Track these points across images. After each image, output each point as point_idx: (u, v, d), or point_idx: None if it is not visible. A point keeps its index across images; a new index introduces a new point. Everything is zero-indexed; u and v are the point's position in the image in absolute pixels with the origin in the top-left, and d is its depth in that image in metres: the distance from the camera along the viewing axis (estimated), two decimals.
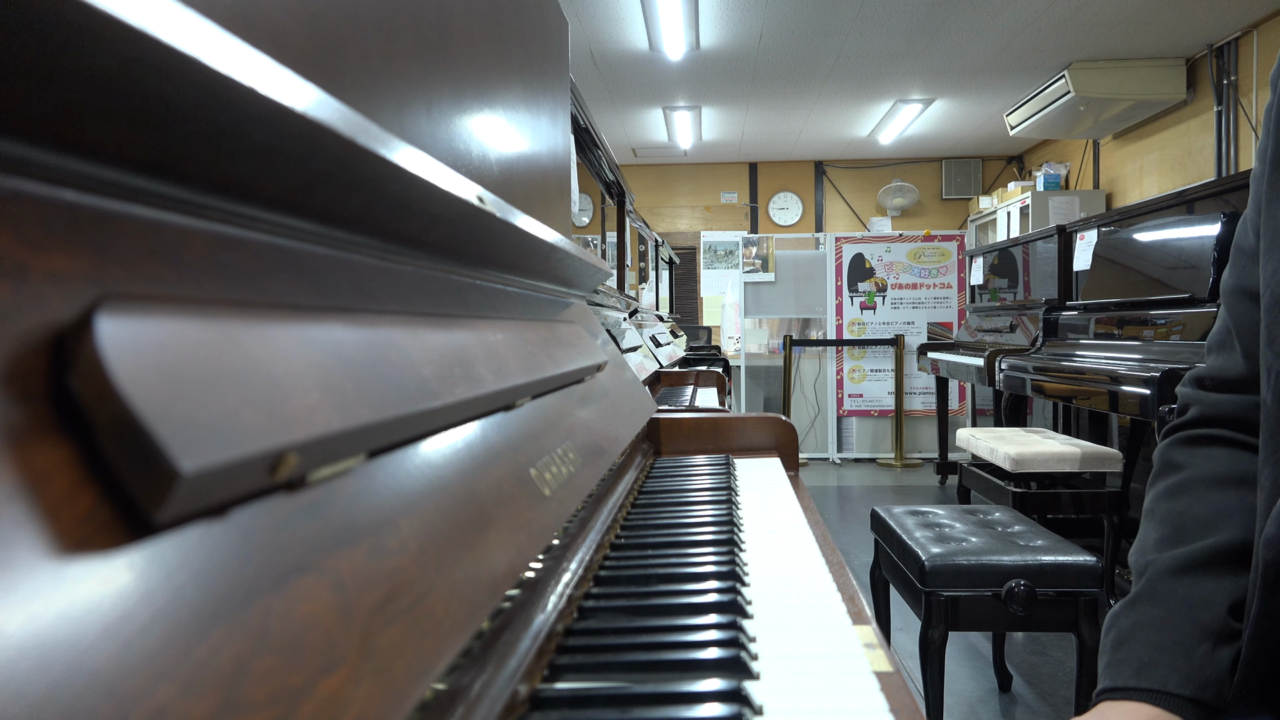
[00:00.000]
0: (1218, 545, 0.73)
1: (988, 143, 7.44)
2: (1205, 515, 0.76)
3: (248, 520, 0.28)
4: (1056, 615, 1.68)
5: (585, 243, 4.98)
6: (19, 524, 0.21)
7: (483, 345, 0.55)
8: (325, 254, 0.42)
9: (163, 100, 0.26)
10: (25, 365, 0.23)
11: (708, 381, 3.00)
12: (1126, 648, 0.72)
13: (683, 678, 0.45)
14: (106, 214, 0.28)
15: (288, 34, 0.45)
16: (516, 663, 0.43)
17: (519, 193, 0.96)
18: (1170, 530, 0.77)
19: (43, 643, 0.20)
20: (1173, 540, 0.76)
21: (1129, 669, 0.70)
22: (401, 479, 0.39)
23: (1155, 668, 0.69)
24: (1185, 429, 0.83)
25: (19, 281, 0.23)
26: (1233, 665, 0.68)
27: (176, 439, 0.23)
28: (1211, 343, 0.83)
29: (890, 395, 5.98)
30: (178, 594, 0.24)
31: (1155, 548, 0.77)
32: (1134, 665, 0.70)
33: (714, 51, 5.14)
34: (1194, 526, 0.76)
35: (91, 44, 0.23)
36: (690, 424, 1.26)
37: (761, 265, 6.19)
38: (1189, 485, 0.79)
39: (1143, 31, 4.65)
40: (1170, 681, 0.68)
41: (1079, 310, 3.42)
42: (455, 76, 0.72)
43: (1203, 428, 0.82)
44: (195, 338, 0.27)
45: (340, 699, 0.27)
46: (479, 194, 0.55)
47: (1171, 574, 0.74)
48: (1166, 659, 0.69)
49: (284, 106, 0.31)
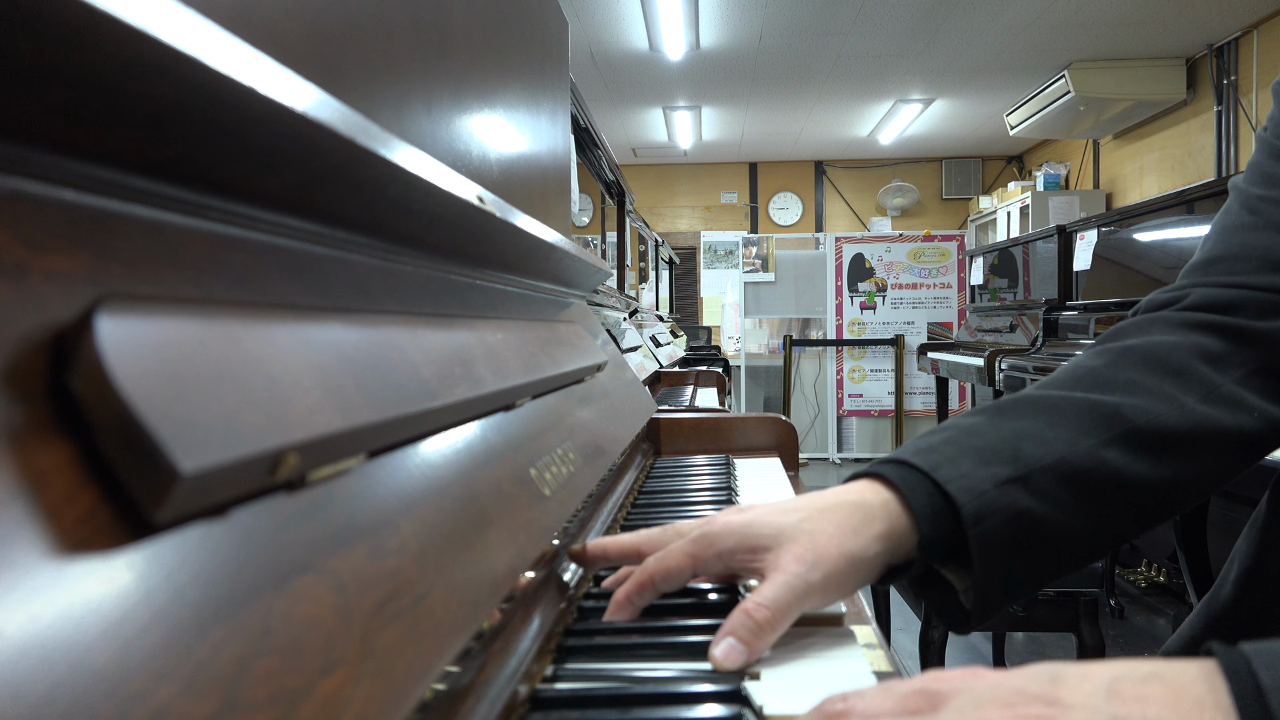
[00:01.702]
0: (1101, 402, 0.58)
1: (988, 143, 7.45)
2: (1115, 378, 0.60)
3: (248, 520, 0.28)
4: (1056, 615, 1.69)
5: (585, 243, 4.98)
6: (19, 524, 0.21)
7: (483, 345, 0.55)
8: (325, 254, 0.42)
9: (163, 100, 0.26)
10: (25, 365, 0.23)
11: (708, 381, 3.00)
12: (922, 438, 0.58)
13: (683, 678, 0.45)
14: (106, 214, 0.28)
15: (288, 34, 0.45)
16: (516, 663, 0.43)
17: (519, 193, 0.96)
18: (1061, 376, 0.62)
19: (43, 643, 0.20)
20: (1054, 384, 0.62)
21: (908, 449, 0.56)
22: (401, 479, 0.39)
23: (930, 454, 0.55)
24: (1170, 307, 0.67)
25: (19, 281, 0.23)
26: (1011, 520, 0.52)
27: (177, 439, 0.23)
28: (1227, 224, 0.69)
29: (890, 395, 5.98)
30: (178, 594, 0.24)
31: (1031, 387, 0.62)
32: (910, 447, 0.56)
33: (714, 51, 5.14)
34: (1091, 380, 0.61)
35: (91, 44, 0.23)
36: (690, 424, 1.26)
37: (761, 265, 6.20)
38: (1125, 352, 0.63)
39: (1143, 31, 4.65)
40: (931, 461, 0.54)
41: (1079, 310, 3.42)
42: (455, 76, 0.72)
43: (1201, 312, 0.65)
44: (195, 338, 0.27)
45: (340, 699, 0.27)
46: (479, 194, 0.55)
47: (1028, 399, 0.60)
48: (953, 451, 0.55)
49: (284, 106, 0.31)
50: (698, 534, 0.52)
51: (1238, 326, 0.63)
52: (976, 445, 0.55)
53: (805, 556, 0.49)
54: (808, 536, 0.50)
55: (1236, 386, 0.61)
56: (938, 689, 0.35)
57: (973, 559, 0.52)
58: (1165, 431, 0.58)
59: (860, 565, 0.50)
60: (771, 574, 0.49)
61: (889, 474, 0.54)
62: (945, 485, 0.52)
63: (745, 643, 0.46)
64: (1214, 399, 0.60)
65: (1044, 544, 0.54)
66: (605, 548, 0.58)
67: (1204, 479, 0.60)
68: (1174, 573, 2.96)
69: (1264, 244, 0.65)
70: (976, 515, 0.52)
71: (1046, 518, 0.54)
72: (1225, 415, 0.60)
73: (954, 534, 0.53)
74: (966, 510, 0.52)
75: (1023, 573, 0.54)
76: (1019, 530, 0.53)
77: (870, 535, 0.51)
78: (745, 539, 0.51)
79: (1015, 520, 0.53)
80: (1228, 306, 0.64)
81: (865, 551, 0.50)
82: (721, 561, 0.52)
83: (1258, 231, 0.66)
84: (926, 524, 0.52)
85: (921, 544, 0.52)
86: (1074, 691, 0.33)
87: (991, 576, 0.52)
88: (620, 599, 0.52)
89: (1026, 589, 0.55)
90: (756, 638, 0.46)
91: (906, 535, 0.52)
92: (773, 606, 0.47)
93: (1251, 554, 0.67)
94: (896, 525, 0.52)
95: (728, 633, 0.46)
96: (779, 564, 0.49)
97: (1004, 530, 0.52)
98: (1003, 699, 0.34)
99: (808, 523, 0.51)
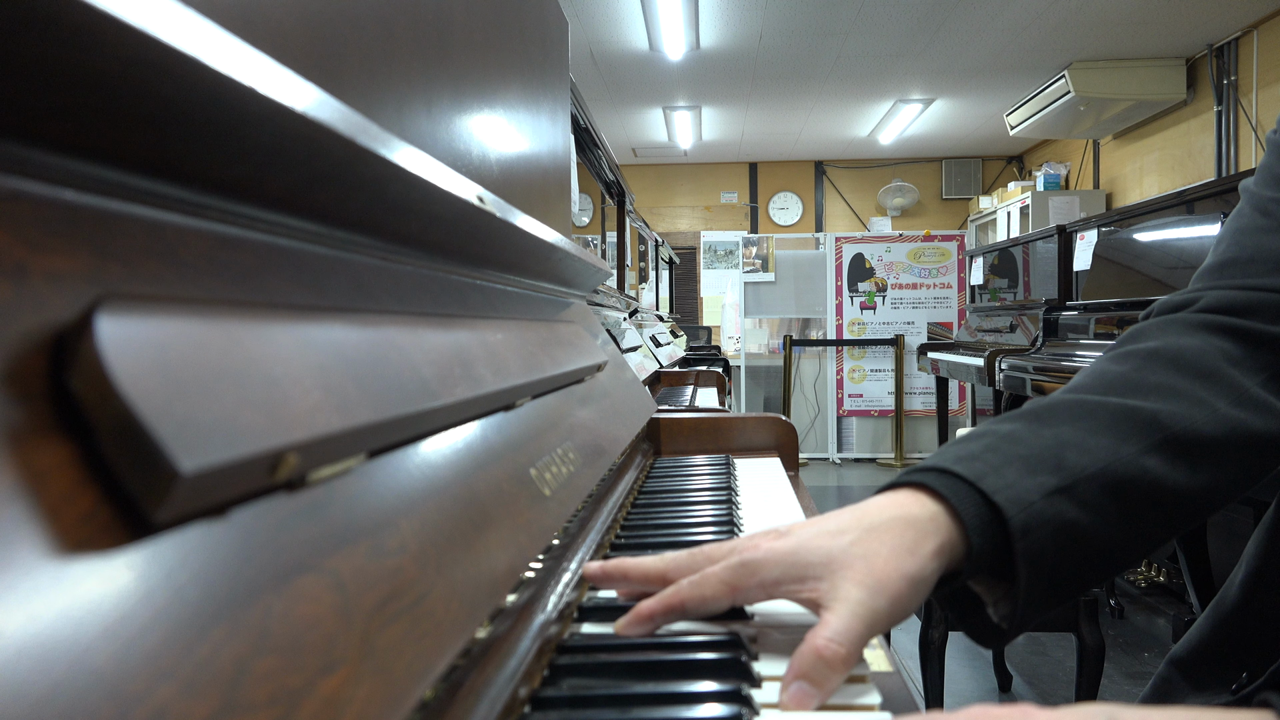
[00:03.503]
0: (1138, 409, 0.57)
1: (988, 143, 7.45)
2: (1146, 382, 0.59)
3: (248, 520, 0.28)
4: (1056, 615, 1.69)
5: (585, 243, 4.98)
6: (19, 524, 0.21)
7: (483, 345, 0.55)
8: (325, 254, 0.42)
9: (163, 100, 0.26)
10: (25, 365, 0.23)
11: (708, 381, 3.00)
12: (959, 445, 0.56)
13: (683, 678, 0.45)
14: (106, 214, 0.28)
15: (288, 34, 0.45)
16: (516, 663, 0.43)
17: (519, 192, 0.96)
18: (1090, 381, 0.61)
19: (43, 643, 0.20)
20: (1085, 388, 0.60)
21: (948, 456, 0.54)
22: (401, 479, 0.39)
23: (974, 462, 0.53)
24: (1186, 309, 0.66)
25: (19, 281, 0.23)
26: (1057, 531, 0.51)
27: (177, 439, 0.23)
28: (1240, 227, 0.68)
29: (890, 395, 5.98)
30: (178, 594, 0.24)
31: (1060, 391, 0.61)
32: (950, 455, 0.54)
33: (714, 51, 5.14)
34: (1122, 384, 0.59)
35: (91, 44, 0.23)
36: (690, 424, 1.26)
37: (761, 265, 6.20)
38: (1151, 355, 0.62)
39: (1143, 31, 4.65)
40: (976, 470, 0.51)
41: (1079, 310, 3.42)
42: (455, 76, 0.72)
43: (1217, 315, 0.64)
44: (195, 338, 0.27)
45: (340, 699, 0.27)
46: (479, 194, 0.55)
47: (1064, 405, 0.59)
48: (997, 460, 0.53)
49: (284, 106, 0.31)
50: (737, 562, 0.48)
51: (1254, 330, 0.63)
52: (1020, 454, 0.53)
53: (867, 583, 0.46)
54: (863, 561, 0.47)
55: (1261, 390, 0.61)
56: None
57: (1018, 573, 0.49)
58: (1202, 438, 0.57)
59: (919, 585, 0.47)
60: (834, 604, 0.45)
61: (934, 484, 0.51)
62: (993, 496, 0.50)
63: (817, 685, 0.42)
64: (1244, 403, 0.59)
65: (1085, 555, 0.52)
66: (626, 571, 0.53)
67: (1234, 484, 0.59)
68: (1174, 573, 2.96)
69: (1277, 246, 0.65)
70: (1024, 528, 0.50)
71: (1090, 529, 0.52)
72: (1256, 419, 0.59)
73: (1003, 547, 0.50)
74: (1015, 522, 0.49)
75: (1060, 585, 0.52)
76: (1065, 542, 0.51)
77: (925, 554, 0.48)
78: (793, 567, 0.47)
79: (1061, 532, 0.51)
80: (1243, 309, 0.64)
81: (923, 571, 0.48)
82: (764, 591, 0.48)
83: (1271, 234, 0.66)
84: (977, 536, 0.50)
85: (971, 556, 0.50)
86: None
87: (1036, 589, 0.50)
88: (643, 613, 0.49)
89: (1061, 601, 0.53)
90: (829, 679, 0.42)
91: (956, 547, 0.50)
92: (845, 642, 0.43)
93: (1259, 555, 0.67)
94: (948, 540, 0.49)
95: (798, 675, 0.42)
96: (839, 593, 0.45)
97: (1050, 543, 0.50)
98: None
99: (859, 545, 0.48)
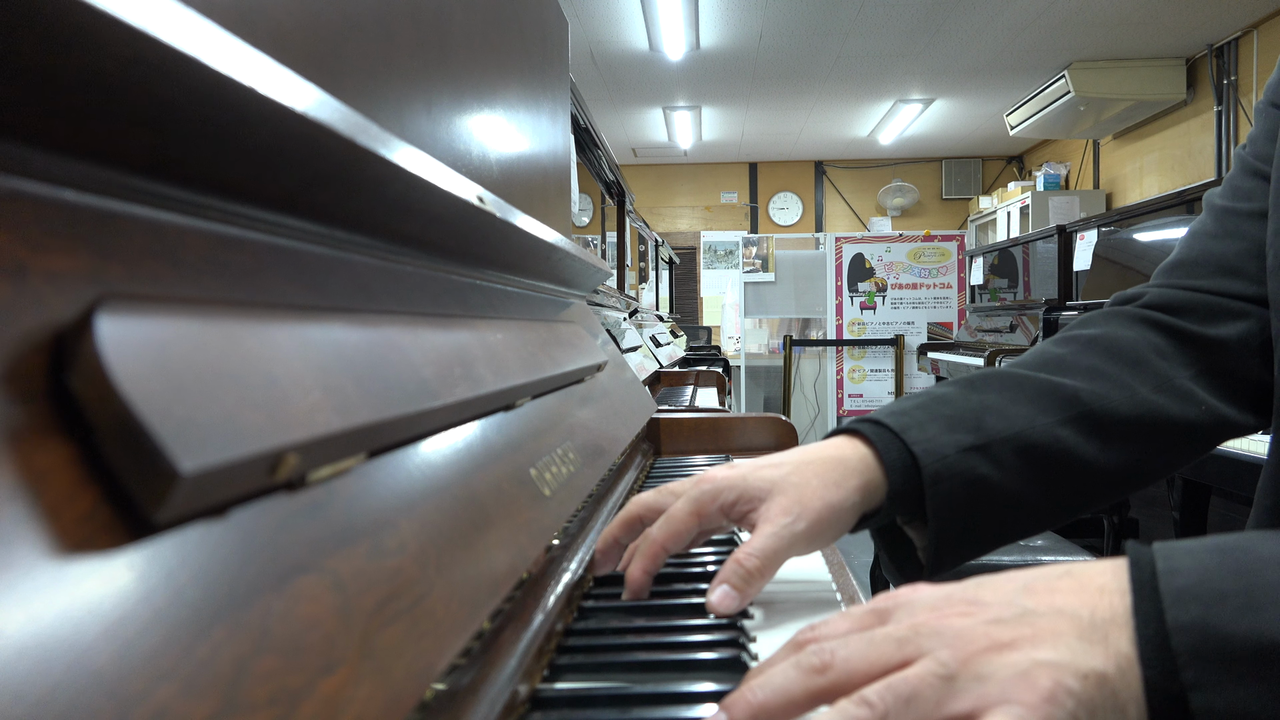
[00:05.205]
0: (1062, 385, 0.63)
1: (988, 143, 7.45)
2: (1078, 364, 0.65)
3: (248, 520, 0.28)
4: None
5: (585, 243, 4.99)
6: (19, 524, 0.21)
7: (483, 345, 0.55)
8: (325, 254, 0.42)
9: (163, 100, 0.26)
10: (25, 365, 0.23)
11: (708, 381, 3.00)
12: (898, 403, 0.62)
13: (683, 678, 0.45)
14: (106, 214, 0.28)
15: (288, 34, 0.45)
16: (516, 663, 0.43)
17: (519, 193, 0.96)
18: (1029, 359, 0.68)
19: (43, 643, 0.20)
20: (1022, 364, 0.67)
21: (884, 410, 0.61)
22: (401, 479, 0.39)
23: (902, 416, 0.59)
24: (1129, 303, 0.73)
25: (19, 281, 0.23)
26: (968, 484, 0.57)
27: (176, 439, 0.23)
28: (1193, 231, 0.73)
29: (890, 395, 5.97)
30: (178, 594, 0.24)
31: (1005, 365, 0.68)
32: (886, 409, 0.61)
33: (714, 51, 5.14)
34: (1055, 364, 0.66)
35: (91, 44, 0.23)
36: (690, 424, 1.26)
37: (761, 265, 6.19)
38: (1089, 341, 0.68)
39: (1143, 31, 4.65)
40: (902, 423, 0.58)
41: (1079, 310, 3.42)
42: (455, 76, 0.72)
43: (1155, 311, 0.70)
44: (195, 338, 0.27)
45: (340, 699, 0.27)
46: (479, 194, 0.55)
47: (996, 375, 0.65)
48: (923, 416, 0.59)
49: (284, 107, 0.31)
50: (697, 492, 0.56)
51: (1183, 329, 0.68)
52: (945, 413, 0.60)
53: (791, 508, 0.54)
54: (794, 489, 0.55)
55: (1190, 383, 0.66)
56: (885, 606, 0.40)
57: (929, 515, 0.57)
58: (1116, 416, 0.62)
59: (841, 514, 0.55)
60: (762, 524, 0.54)
61: (865, 431, 0.59)
62: (912, 446, 0.57)
63: (738, 589, 0.51)
64: (1165, 390, 0.65)
65: (997, 509, 0.59)
66: (608, 536, 0.60)
67: (1151, 465, 0.65)
68: None
69: (1221, 250, 0.70)
70: (935, 476, 0.57)
71: (1001, 485, 0.58)
72: (1174, 406, 0.64)
73: (918, 491, 0.57)
74: (928, 471, 0.57)
75: (975, 533, 0.59)
76: (975, 494, 0.58)
77: (850, 487, 0.56)
78: (745, 491, 0.55)
79: (972, 484, 0.58)
80: (1178, 308, 0.70)
81: (845, 502, 0.55)
82: (723, 514, 0.56)
83: (1218, 239, 0.71)
84: (898, 478, 0.57)
85: (890, 494, 0.57)
86: (994, 590, 0.38)
87: (945, 533, 0.57)
88: (636, 577, 0.55)
89: (978, 549, 0.60)
90: (748, 584, 0.51)
91: (879, 487, 0.57)
92: (761, 555, 0.52)
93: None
94: (871, 478, 0.57)
95: (721, 580, 0.51)
96: (768, 515, 0.54)
97: (961, 492, 0.57)
98: (933, 604, 0.39)
99: (794, 475, 0.56)
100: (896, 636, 0.37)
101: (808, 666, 0.37)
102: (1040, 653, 0.34)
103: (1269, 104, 0.72)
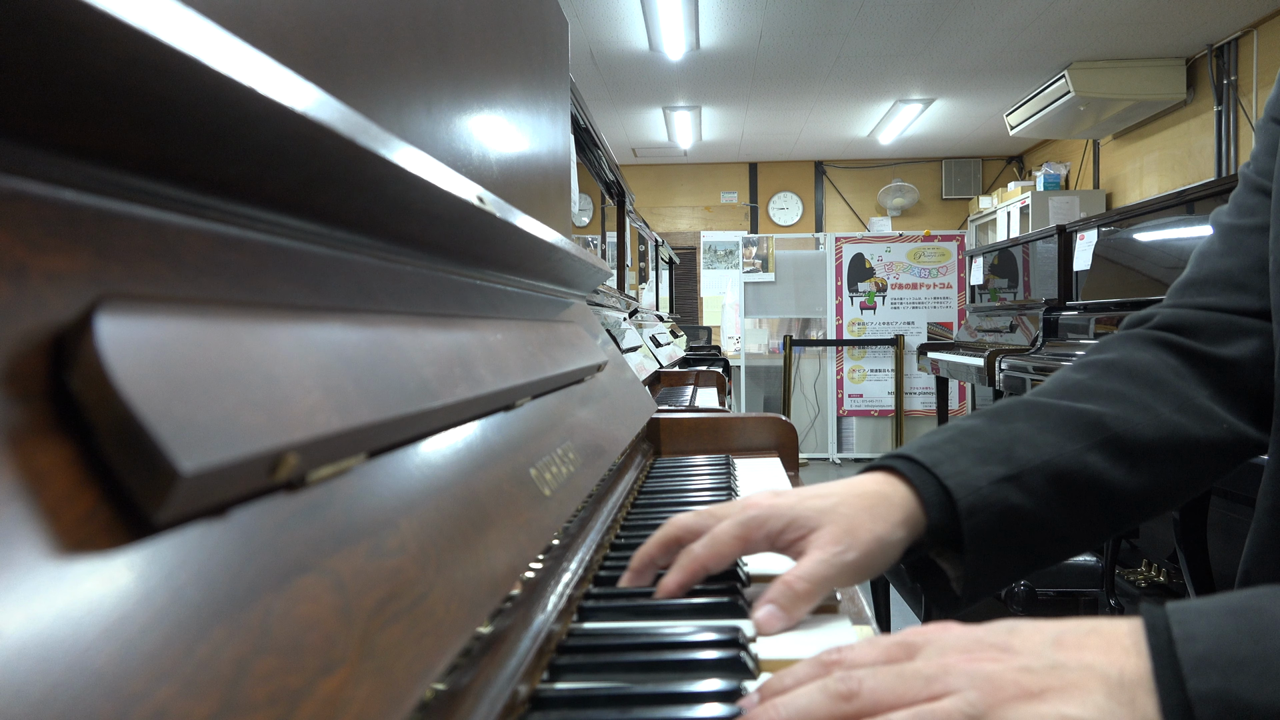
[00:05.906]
0: (1086, 411, 0.64)
1: (988, 143, 7.45)
2: (1099, 389, 0.66)
3: (248, 520, 0.28)
4: (1056, 615, 1.68)
5: (585, 243, 4.98)
6: (19, 524, 0.21)
7: (483, 345, 0.55)
8: (325, 254, 0.42)
9: (163, 100, 0.26)
10: (25, 365, 0.23)
11: (708, 381, 3.00)
12: (927, 437, 0.63)
13: (683, 678, 0.45)
14: (106, 214, 0.28)
15: (288, 34, 0.45)
16: (516, 663, 0.43)
17: (519, 193, 0.96)
18: (1051, 386, 0.68)
19: (43, 643, 0.20)
20: (1045, 392, 0.68)
21: (915, 445, 0.61)
22: (401, 479, 0.39)
23: (933, 451, 0.60)
24: (1142, 325, 0.74)
25: (19, 281, 0.23)
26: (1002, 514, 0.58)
27: (176, 439, 0.23)
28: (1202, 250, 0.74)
29: (890, 395, 5.98)
30: (178, 594, 0.24)
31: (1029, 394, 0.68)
32: (916, 445, 0.62)
33: (714, 51, 5.14)
34: (1077, 390, 0.66)
35: (91, 44, 0.23)
36: (690, 424, 1.26)
37: (761, 265, 6.19)
38: (1108, 365, 0.69)
39: (1143, 31, 4.65)
40: (934, 458, 0.59)
41: (1079, 310, 3.42)
42: (455, 76, 0.72)
43: (1167, 332, 0.71)
44: (195, 338, 0.27)
45: (340, 699, 0.27)
46: (479, 194, 0.55)
47: (1022, 405, 0.65)
48: (954, 450, 0.60)
49: (284, 106, 0.31)
50: (745, 517, 0.56)
51: (1195, 350, 0.69)
52: (975, 446, 0.61)
53: (842, 538, 0.54)
54: (845, 519, 0.55)
55: (1209, 401, 0.67)
56: (913, 640, 0.41)
57: (965, 547, 0.57)
58: (1141, 439, 0.63)
59: (887, 547, 0.56)
60: (811, 551, 0.54)
61: (900, 468, 0.60)
62: (945, 480, 0.58)
63: (784, 609, 0.51)
64: (1187, 410, 0.65)
65: (1029, 537, 0.60)
66: (644, 555, 0.59)
67: (1177, 486, 0.65)
68: (1174, 573, 2.96)
69: (1227, 266, 0.71)
70: (971, 508, 0.57)
71: (1033, 513, 0.59)
72: (1196, 425, 0.65)
73: (954, 525, 0.58)
74: (963, 504, 0.57)
75: (1009, 562, 0.60)
76: (1008, 524, 0.58)
77: (894, 522, 0.56)
78: (794, 520, 0.56)
79: (1005, 515, 0.58)
80: (1189, 329, 0.70)
81: (891, 535, 0.56)
82: (769, 542, 0.56)
83: (1225, 256, 0.72)
84: (935, 513, 0.58)
85: (929, 529, 0.58)
86: (1025, 640, 0.39)
87: (981, 564, 0.58)
88: (670, 589, 0.55)
89: (1011, 577, 0.61)
90: (794, 606, 0.52)
91: (919, 522, 0.58)
92: (811, 580, 0.52)
93: (1249, 558, 0.69)
94: (912, 513, 0.58)
95: (769, 600, 0.52)
96: (819, 542, 0.54)
97: (995, 523, 0.58)
98: (964, 646, 0.39)
99: (844, 506, 0.56)
100: (926, 674, 0.37)
101: (835, 693, 0.37)
102: (1069, 707, 0.35)
103: (1269, 119, 0.73)
